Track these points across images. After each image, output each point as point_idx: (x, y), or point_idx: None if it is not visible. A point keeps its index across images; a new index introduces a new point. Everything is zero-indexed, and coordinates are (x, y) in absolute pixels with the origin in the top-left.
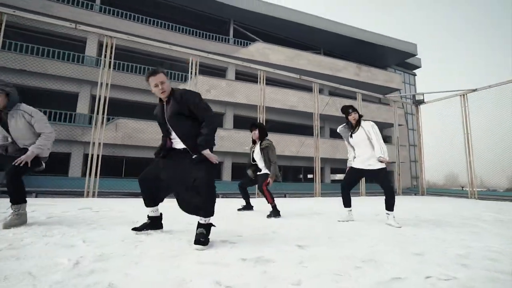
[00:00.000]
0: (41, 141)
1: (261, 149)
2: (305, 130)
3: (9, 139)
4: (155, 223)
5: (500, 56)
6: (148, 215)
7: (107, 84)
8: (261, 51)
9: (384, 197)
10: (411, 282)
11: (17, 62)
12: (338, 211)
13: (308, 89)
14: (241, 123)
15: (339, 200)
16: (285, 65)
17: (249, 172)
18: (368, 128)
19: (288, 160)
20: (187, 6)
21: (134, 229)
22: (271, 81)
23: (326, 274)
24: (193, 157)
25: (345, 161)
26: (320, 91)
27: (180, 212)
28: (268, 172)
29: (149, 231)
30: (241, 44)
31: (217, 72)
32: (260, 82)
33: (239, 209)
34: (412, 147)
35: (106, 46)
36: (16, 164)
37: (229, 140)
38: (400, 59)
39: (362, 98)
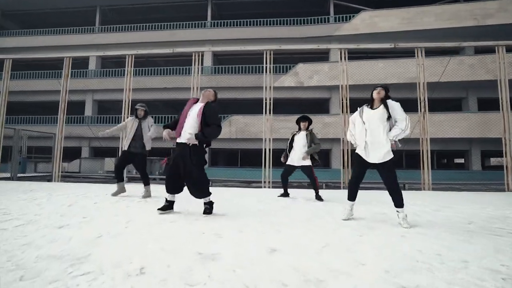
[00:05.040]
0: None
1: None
2: (433, 106)
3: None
4: (172, 205)
5: None
6: (167, 199)
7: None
8: (368, 21)
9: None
10: None
11: (160, 82)
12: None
13: (434, 52)
14: (350, 106)
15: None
16: (400, 30)
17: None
18: (393, 105)
19: (410, 144)
20: None
21: (159, 209)
22: (384, 53)
23: None
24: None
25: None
26: (458, 52)
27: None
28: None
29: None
30: (343, 20)
31: (320, 56)
32: (341, 59)
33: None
34: None
35: (200, 60)
36: None
37: (337, 126)
38: None
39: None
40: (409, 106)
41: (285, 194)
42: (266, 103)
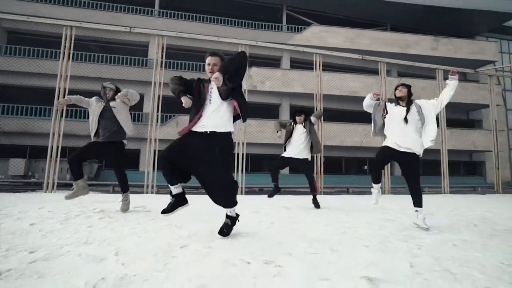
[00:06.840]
0: None
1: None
2: (369, 118)
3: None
4: (181, 199)
5: None
6: (171, 193)
7: (160, 83)
8: (318, 35)
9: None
10: None
11: (94, 71)
12: None
13: (371, 72)
14: (293, 113)
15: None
16: (344, 47)
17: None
18: (427, 106)
19: (351, 151)
20: None
21: (163, 212)
22: (328, 67)
23: None
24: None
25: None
26: (387, 73)
27: None
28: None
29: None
30: (295, 30)
31: (271, 62)
32: (316, 67)
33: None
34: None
35: (162, 47)
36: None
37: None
38: (496, 22)
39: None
40: (354, 117)
41: (277, 190)
42: None
